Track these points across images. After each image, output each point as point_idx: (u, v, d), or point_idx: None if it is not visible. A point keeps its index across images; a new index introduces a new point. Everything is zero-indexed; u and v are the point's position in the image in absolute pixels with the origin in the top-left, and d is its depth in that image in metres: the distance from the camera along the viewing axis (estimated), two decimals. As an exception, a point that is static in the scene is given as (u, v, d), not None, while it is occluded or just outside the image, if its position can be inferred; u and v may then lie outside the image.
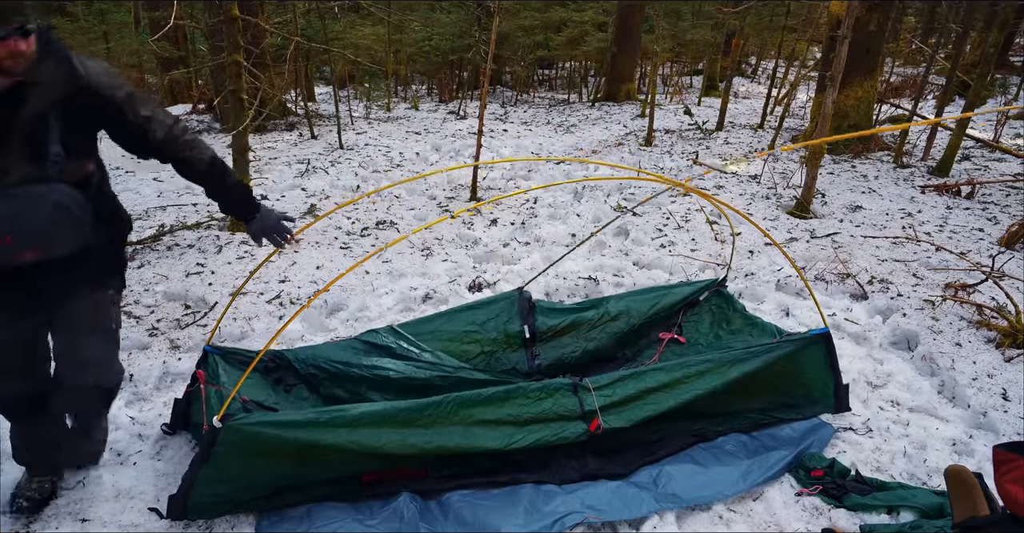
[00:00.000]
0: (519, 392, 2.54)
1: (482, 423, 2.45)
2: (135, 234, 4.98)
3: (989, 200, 6.39)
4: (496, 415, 2.47)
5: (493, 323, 3.28)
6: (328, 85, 14.22)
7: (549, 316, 3.34)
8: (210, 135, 8.93)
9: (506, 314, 3.32)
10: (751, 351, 2.77)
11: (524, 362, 3.22)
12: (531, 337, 3.26)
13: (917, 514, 2.34)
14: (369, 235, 5.20)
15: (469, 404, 2.45)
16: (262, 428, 2.19)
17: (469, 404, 2.45)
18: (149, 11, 11.08)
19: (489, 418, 2.46)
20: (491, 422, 2.46)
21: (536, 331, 3.28)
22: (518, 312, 3.32)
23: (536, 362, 3.21)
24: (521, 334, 3.26)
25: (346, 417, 2.28)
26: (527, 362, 3.21)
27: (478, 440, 2.41)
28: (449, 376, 2.91)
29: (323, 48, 7.89)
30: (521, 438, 2.46)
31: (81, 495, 2.35)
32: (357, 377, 2.86)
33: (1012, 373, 3.25)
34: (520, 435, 2.47)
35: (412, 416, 2.36)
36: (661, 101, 13.07)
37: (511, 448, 2.43)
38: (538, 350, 3.25)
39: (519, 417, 2.49)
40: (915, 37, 15.35)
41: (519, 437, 2.46)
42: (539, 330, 3.29)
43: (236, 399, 2.48)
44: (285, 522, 2.24)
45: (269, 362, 2.87)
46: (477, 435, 2.42)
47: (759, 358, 2.74)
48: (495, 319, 3.29)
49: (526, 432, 2.48)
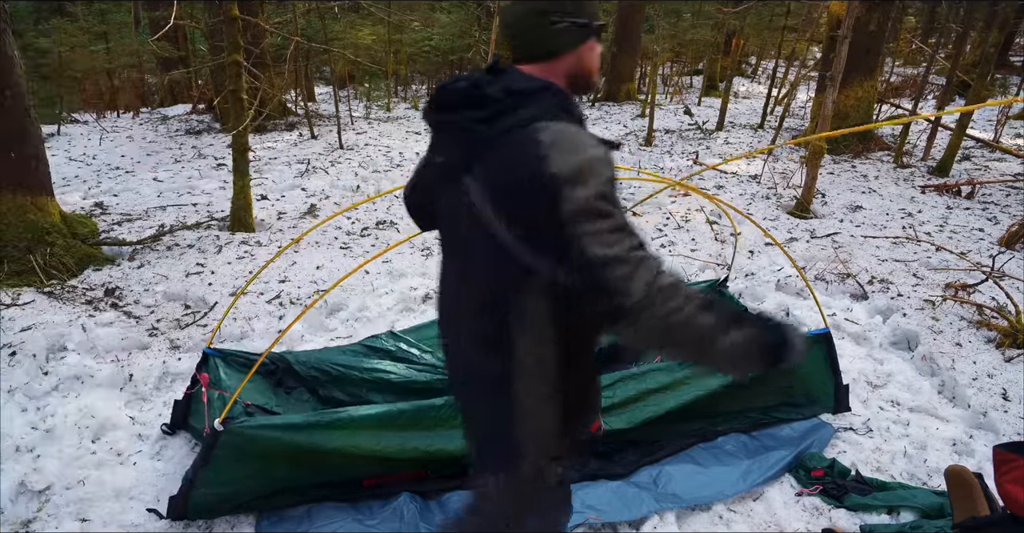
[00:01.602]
0: None
1: None
2: (135, 234, 4.99)
3: (989, 200, 6.39)
4: None
5: None
6: (328, 85, 14.22)
7: None
8: (210, 135, 8.93)
9: None
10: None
11: None
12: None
13: (917, 514, 2.34)
14: (369, 235, 5.20)
15: None
16: (263, 431, 2.18)
17: None
18: (149, 11, 11.08)
19: None
20: None
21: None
22: None
23: None
24: None
25: (347, 420, 2.28)
26: None
27: None
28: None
29: (323, 48, 7.89)
30: None
31: (81, 495, 2.35)
32: (358, 380, 2.86)
33: (1012, 373, 3.25)
34: None
35: (413, 419, 2.36)
36: (661, 101, 13.07)
37: None
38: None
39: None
40: (915, 37, 15.34)
41: None
42: None
43: (238, 403, 2.48)
44: (285, 522, 2.24)
45: (270, 364, 2.87)
46: None
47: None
48: None
49: None
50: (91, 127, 9.47)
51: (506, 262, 1.21)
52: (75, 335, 3.31)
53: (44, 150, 4.25)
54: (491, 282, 1.27)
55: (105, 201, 5.93)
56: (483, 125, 1.18)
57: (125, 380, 3.06)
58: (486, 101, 1.19)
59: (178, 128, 9.45)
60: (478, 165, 1.20)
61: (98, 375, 3.02)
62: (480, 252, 1.26)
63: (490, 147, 1.19)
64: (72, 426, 2.68)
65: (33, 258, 3.99)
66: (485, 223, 1.20)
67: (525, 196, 1.15)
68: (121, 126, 9.66)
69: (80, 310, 3.65)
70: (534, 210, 1.14)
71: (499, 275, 1.25)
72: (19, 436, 2.61)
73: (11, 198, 4.01)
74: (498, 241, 1.19)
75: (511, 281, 1.23)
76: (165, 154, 7.91)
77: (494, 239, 1.20)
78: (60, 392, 2.92)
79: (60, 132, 8.95)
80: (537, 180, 1.12)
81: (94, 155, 7.82)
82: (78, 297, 3.84)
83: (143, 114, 10.78)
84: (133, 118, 10.38)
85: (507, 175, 1.17)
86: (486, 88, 1.20)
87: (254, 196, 5.51)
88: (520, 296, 1.23)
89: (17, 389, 2.89)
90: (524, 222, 1.17)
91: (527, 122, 1.17)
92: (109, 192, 6.23)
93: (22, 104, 3.96)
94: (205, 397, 2.50)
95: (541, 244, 1.17)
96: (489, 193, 1.18)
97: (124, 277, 4.15)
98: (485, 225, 1.20)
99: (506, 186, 1.17)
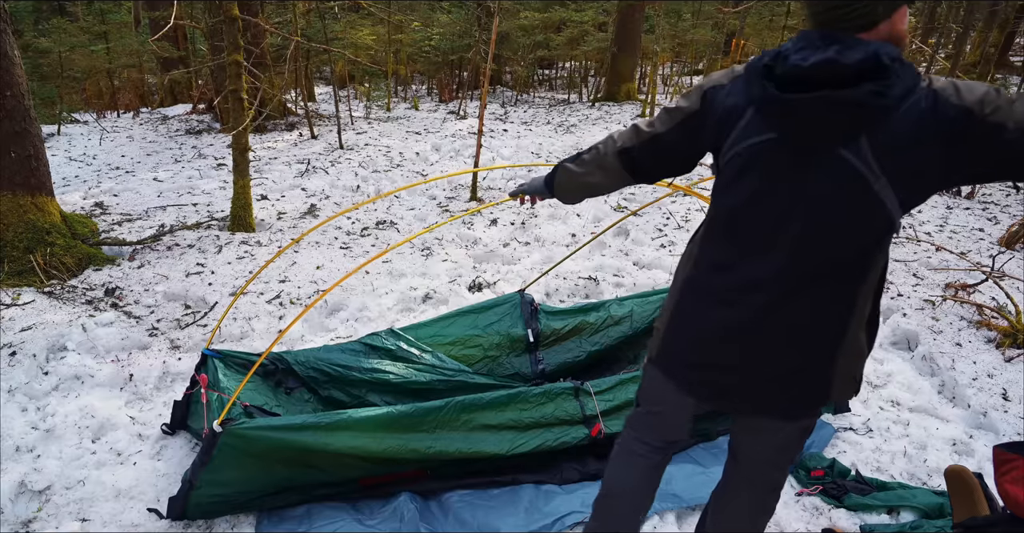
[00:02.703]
0: (521, 396, 2.53)
1: (484, 428, 2.44)
2: (135, 234, 4.99)
3: (989, 200, 6.39)
4: (498, 420, 2.47)
5: (495, 327, 3.25)
6: (328, 85, 14.22)
7: (552, 319, 3.31)
8: (210, 135, 8.93)
9: (509, 318, 3.29)
10: None
11: (528, 366, 3.19)
12: (535, 341, 3.24)
13: (917, 514, 2.34)
14: (369, 235, 5.20)
15: (471, 409, 2.45)
16: (262, 432, 2.18)
17: (471, 409, 2.45)
18: (149, 11, 11.08)
19: (491, 423, 2.46)
20: (493, 427, 2.45)
21: (539, 334, 3.26)
22: (520, 316, 3.30)
23: (540, 366, 3.18)
24: (525, 338, 3.23)
25: (347, 421, 2.27)
26: (531, 366, 3.19)
27: (480, 445, 2.41)
28: (450, 380, 2.89)
29: (323, 48, 7.89)
30: (523, 443, 2.46)
31: (81, 495, 2.35)
32: (358, 380, 2.85)
33: (1012, 373, 3.25)
34: (522, 440, 2.47)
35: (413, 421, 2.36)
36: (661, 101, 13.07)
37: (513, 453, 2.43)
38: (541, 354, 3.23)
39: (520, 422, 2.49)
40: (915, 37, 15.34)
41: (521, 442, 2.46)
42: (542, 333, 3.27)
43: (237, 404, 2.48)
44: (285, 522, 2.24)
45: (269, 364, 2.87)
46: (479, 440, 2.42)
47: None
48: (497, 323, 3.26)
49: (528, 437, 2.48)
50: (91, 127, 9.47)
51: (873, 223, 1.29)
52: (75, 335, 3.31)
53: (44, 150, 4.25)
54: (853, 250, 1.33)
55: (105, 201, 5.93)
56: (881, 97, 1.21)
57: (125, 380, 3.06)
58: (887, 72, 1.21)
59: (178, 128, 9.45)
60: (868, 136, 1.24)
61: (98, 375, 3.03)
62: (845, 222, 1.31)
63: (886, 114, 1.23)
64: (72, 426, 2.68)
65: (33, 258, 3.99)
66: (864, 192, 1.26)
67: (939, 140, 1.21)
68: (121, 126, 9.66)
69: (80, 310, 3.65)
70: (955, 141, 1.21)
71: (863, 238, 1.32)
72: (19, 436, 2.61)
73: (11, 198, 4.01)
74: (876, 206, 1.27)
75: (875, 242, 1.33)
76: (165, 154, 7.91)
77: (871, 205, 1.27)
78: (60, 392, 2.92)
79: (60, 132, 8.95)
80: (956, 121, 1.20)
81: (94, 155, 7.82)
82: (78, 297, 3.84)
83: (143, 114, 10.79)
84: (133, 118, 10.38)
85: (913, 134, 1.22)
86: (883, 59, 1.21)
87: (254, 196, 5.51)
88: (880, 253, 1.35)
89: (17, 389, 2.89)
90: (923, 174, 1.25)
91: (914, 85, 1.23)
92: (109, 192, 6.23)
93: (22, 104, 3.96)
94: (204, 398, 2.50)
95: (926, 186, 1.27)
96: (887, 158, 1.24)
97: (124, 277, 4.15)
98: (863, 194, 1.27)
99: (911, 145, 1.23)
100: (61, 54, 9.91)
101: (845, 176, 1.27)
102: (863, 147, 1.24)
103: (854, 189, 1.27)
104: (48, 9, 13.78)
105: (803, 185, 1.32)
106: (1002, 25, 7.33)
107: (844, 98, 1.21)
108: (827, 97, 1.22)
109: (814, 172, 1.30)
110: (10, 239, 3.99)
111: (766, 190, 1.37)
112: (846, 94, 1.21)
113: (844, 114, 1.24)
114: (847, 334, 1.40)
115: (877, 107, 1.21)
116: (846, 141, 1.26)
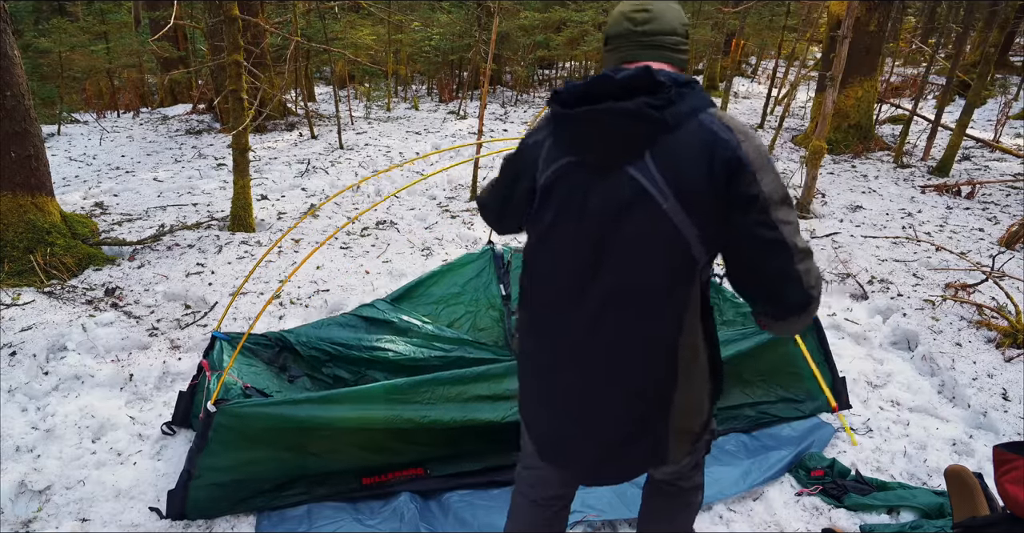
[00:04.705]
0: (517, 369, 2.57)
1: (479, 399, 2.48)
2: (135, 234, 4.99)
3: (989, 200, 6.39)
4: (493, 391, 2.51)
5: (474, 283, 3.47)
6: (328, 85, 14.22)
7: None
8: (210, 135, 8.93)
9: (485, 273, 3.51)
10: (743, 333, 2.83)
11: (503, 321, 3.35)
12: (507, 296, 3.42)
13: (917, 514, 2.34)
14: (369, 235, 5.20)
15: (467, 380, 2.49)
16: (257, 409, 2.20)
17: (467, 380, 2.49)
18: (149, 11, 11.08)
19: (486, 394, 2.50)
20: (488, 397, 2.49)
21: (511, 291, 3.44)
22: (494, 272, 3.49)
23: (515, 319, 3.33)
24: (499, 293, 3.43)
25: (343, 395, 2.32)
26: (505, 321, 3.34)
27: (475, 413, 2.44)
28: (447, 355, 2.97)
29: (323, 48, 7.89)
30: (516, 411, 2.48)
31: (81, 495, 2.35)
32: (357, 358, 2.92)
33: (1012, 373, 3.25)
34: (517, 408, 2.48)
35: (409, 392, 2.40)
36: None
37: (508, 421, 2.44)
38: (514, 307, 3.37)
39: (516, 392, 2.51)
40: (915, 37, 15.34)
41: (515, 410, 2.47)
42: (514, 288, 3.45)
43: (238, 385, 2.51)
44: (285, 522, 2.24)
45: (273, 345, 2.93)
46: (474, 409, 2.45)
47: (751, 339, 2.79)
48: (475, 279, 3.49)
49: None
50: (91, 127, 9.47)
51: (676, 249, 1.24)
52: (75, 335, 3.31)
53: (44, 150, 4.25)
54: (657, 277, 1.27)
55: (105, 201, 5.93)
56: (656, 111, 1.20)
57: (125, 380, 3.06)
58: (659, 87, 1.22)
59: (178, 128, 9.45)
60: (653, 152, 1.23)
61: (98, 375, 3.03)
62: (642, 244, 1.26)
63: (668, 132, 1.22)
64: (72, 426, 2.68)
65: (33, 258, 3.99)
66: (654, 212, 1.22)
67: (713, 179, 1.20)
68: (121, 126, 9.66)
69: (80, 310, 3.65)
70: (722, 193, 1.20)
71: (669, 265, 1.26)
72: (19, 436, 2.61)
73: (11, 198, 4.01)
74: (669, 229, 1.23)
75: (683, 271, 1.26)
76: (165, 154, 7.91)
77: (664, 228, 1.23)
78: (60, 392, 2.93)
79: (60, 132, 8.95)
80: (730, 164, 1.19)
81: (94, 155, 7.82)
82: (78, 297, 3.84)
83: (143, 114, 10.78)
84: (133, 118, 10.38)
85: (694, 159, 1.21)
86: (657, 76, 1.22)
87: (254, 196, 5.51)
88: (691, 287, 1.28)
89: (17, 389, 2.89)
90: (705, 206, 1.21)
91: (699, 109, 1.23)
92: (109, 192, 6.23)
93: (22, 104, 3.96)
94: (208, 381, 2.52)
95: (715, 229, 1.23)
96: (671, 177, 1.22)
97: (124, 277, 4.15)
98: (653, 214, 1.23)
99: (691, 169, 1.21)
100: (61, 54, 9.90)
101: (633, 191, 1.23)
102: (648, 164, 1.23)
103: (644, 207, 1.23)
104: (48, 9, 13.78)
105: (597, 206, 1.28)
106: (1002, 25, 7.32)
107: (622, 109, 1.21)
108: (608, 109, 1.23)
109: (606, 192, 1.27)
110: (10, 239, 3.99)
111: (564, 216, 1.33)
112: (624, 105, 1.21)
113: (624, 125, 1.23)
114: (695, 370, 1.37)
115: (652, 121, 1.21)
116: (631, 157, 1.24)
